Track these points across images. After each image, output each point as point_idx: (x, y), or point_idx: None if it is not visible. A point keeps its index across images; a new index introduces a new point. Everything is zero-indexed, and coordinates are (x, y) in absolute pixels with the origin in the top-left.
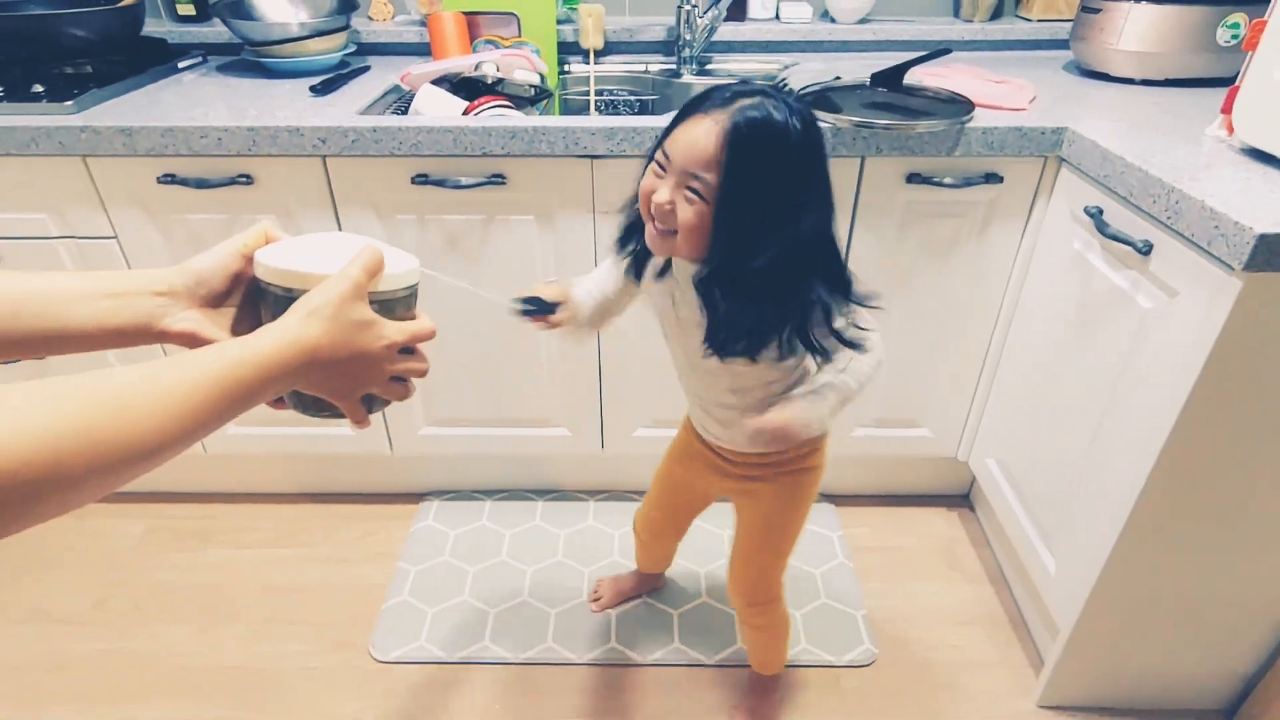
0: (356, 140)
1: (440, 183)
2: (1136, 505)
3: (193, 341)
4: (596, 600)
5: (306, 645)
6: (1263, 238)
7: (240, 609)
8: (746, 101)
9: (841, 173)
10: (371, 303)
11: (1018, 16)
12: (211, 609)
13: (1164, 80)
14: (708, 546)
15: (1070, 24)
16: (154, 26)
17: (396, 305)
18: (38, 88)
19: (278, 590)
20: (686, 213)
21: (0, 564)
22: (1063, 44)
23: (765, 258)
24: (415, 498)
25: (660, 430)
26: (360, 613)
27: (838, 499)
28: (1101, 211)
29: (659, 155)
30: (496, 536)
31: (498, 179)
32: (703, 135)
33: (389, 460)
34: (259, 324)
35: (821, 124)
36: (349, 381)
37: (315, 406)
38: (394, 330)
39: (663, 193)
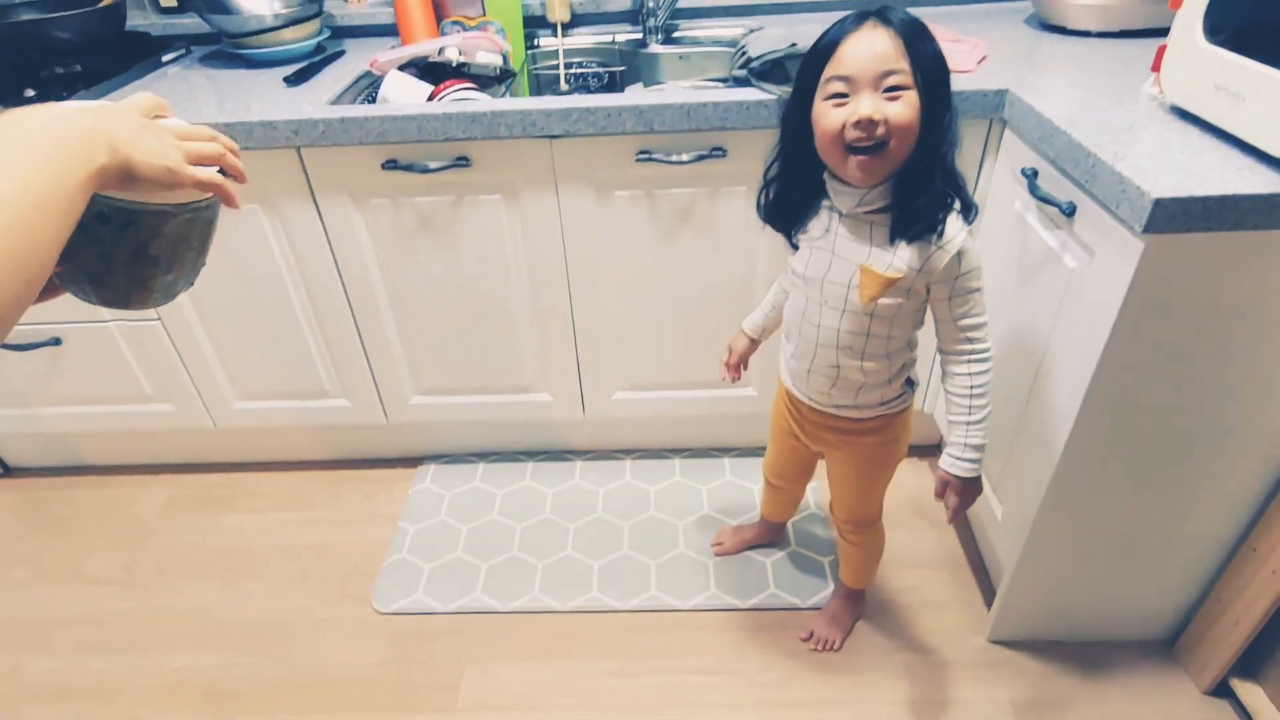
0: (326, 131)
1: (409, 168)
2: (1066, 448)
3: None
4: (719, 545)
5: (315, 599)
6: (1159, 202)
7: (255, 568)
8: (879, 11)
9: None
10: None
11: None
12: (230, 568)
13: (1119, 32)
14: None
15: None
16: (138, 19)
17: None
18: (29, 91)
19: (289, 550)
20: (897, 109)
21: (35, 532)
22: None
23: (949, 141)
24: (413, 462)
25: (638, 393)
26: (363, 569)
27: None
28: (1036, 174)
29: (834, 85)
30: (489, 496)
31: (462, 161)
32: (875, 39)
33: (386, 428)
34: None
35: (771, 96)
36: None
37: (100, 275)
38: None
39: (865, 105)
